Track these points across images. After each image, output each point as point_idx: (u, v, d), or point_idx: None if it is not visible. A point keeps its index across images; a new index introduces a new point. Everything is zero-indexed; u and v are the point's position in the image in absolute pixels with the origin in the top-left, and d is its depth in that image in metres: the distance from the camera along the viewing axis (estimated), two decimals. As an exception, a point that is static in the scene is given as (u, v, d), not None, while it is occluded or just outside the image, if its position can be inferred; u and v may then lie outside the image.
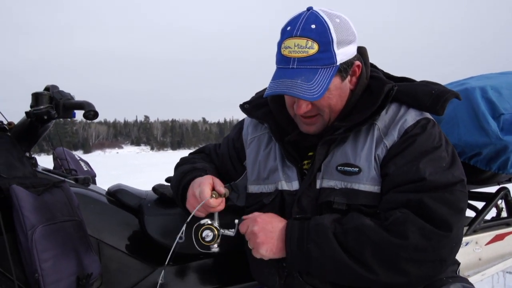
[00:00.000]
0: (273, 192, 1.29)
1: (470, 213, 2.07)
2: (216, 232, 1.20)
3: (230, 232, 1.24)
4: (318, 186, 1.21)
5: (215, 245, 1.21)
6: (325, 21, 1.12)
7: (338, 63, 1.14)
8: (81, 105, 1.37)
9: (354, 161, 1.18)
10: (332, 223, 1.12)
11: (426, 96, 1.20)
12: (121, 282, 1.43)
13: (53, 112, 1.39)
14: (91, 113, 1.35)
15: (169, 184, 1.54)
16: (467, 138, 1.58)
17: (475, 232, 1.86)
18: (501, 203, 2.01)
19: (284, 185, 1.26)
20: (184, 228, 1.18)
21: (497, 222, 1.97)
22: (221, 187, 1.23)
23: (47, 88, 1.48)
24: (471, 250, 1.85)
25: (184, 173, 1.36)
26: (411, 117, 1.19)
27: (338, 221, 1.13)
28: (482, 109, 1.55)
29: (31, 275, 1.20)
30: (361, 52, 1.27)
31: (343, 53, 1.14)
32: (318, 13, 1.14)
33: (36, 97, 1.42)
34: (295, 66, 1.13)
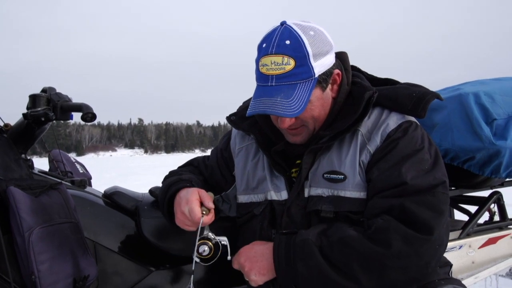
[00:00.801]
0: (263, 202, 1.29)
1: (463, 217, 2.10)
2: (211, 243, 1.20)
3: (224, 241, 1.22)
4: (306, 195, 1.22)
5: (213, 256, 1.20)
6: (299, 35, 1.12)
7: (316, 75, 1.14)
8: (79, 107, 1.37)
9: (339, 168, 1.18)
10: (317, 237, 1.13)
11: (407, 99, 1.21)
12: (117, 284, 1.43)
13: (50, 114, 1.39)
14: (89, 115, 1.35)
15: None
16: (460, 142, 1.61)
17: (468, 235, 1.89)
18: (494, 207, 2.04)
19: (273, 195, 1.27)
20: (196, 245, 1.17)
21: (490, 226, 2.00)
22: (209, 202, 1.22)
23: (44, 90, 1.48)
24: (465, 254, 1.87)
25: (170, 185, 1.35)
26: (393, 121, 1.19)
27: (323, 234, 1.13)
28: (475, 114, 1.58)
29: (28, 277, 1.19)
30: (342, 57, 1.27)
31: (321, 65, 1.15)
32: (292, 28, 1.13)
33: (33, 99, 1.41)
34: (273, 84, 1.14)
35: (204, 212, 1.19)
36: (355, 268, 1.06)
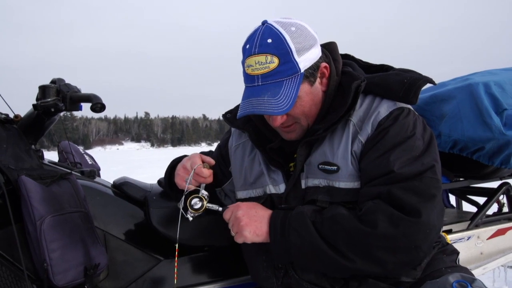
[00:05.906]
0: (262, 196, 1.30)
1: (472, 208, 2.09)
2: (205, 203, 1.25)
3: (215, 207, 1.27)
4: (303, 186, 1.23)
5: (194, 214, 1.26)
6: (280, 32, 1.12)
7: (302, 71, 1.14)
8: (88, 98, 1.37)
9: (332, 159, 1.18)
10: (312, 213, 1.15)
11: (399, 85, 1.19)
12: (127, 273, 1.44)
13: (60, 105, 1.39)
14: (98, 105, 1.35)
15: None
16: (470, 133, 1.59)
17: (477, 226, 1.88)
18: (503, 198, 2.03)
19: (271, 189, 1.28)
20: (183, 199, 1.25)
21: (498, 217, 1.99)
22: (210, 160, 1.31)
23: (53, 81, 1.49)
24: (473, 244, 1.87)
25: (175, 159, 1.48)
26: (384, 109, 1.18)
27: (319, 211, 1.16)
28: (485, 104, 1.56)
29: (40, 265, 1.21)
30: (330, 48, 1.26)
31: (305, 60, 1.14)
32: (273, 26, 1.13)
33: (43, 89, 1.42)
34: (260, 83, 1.14)
35: (205, 166, 1.27)
36: (341, 244, 1.09)
